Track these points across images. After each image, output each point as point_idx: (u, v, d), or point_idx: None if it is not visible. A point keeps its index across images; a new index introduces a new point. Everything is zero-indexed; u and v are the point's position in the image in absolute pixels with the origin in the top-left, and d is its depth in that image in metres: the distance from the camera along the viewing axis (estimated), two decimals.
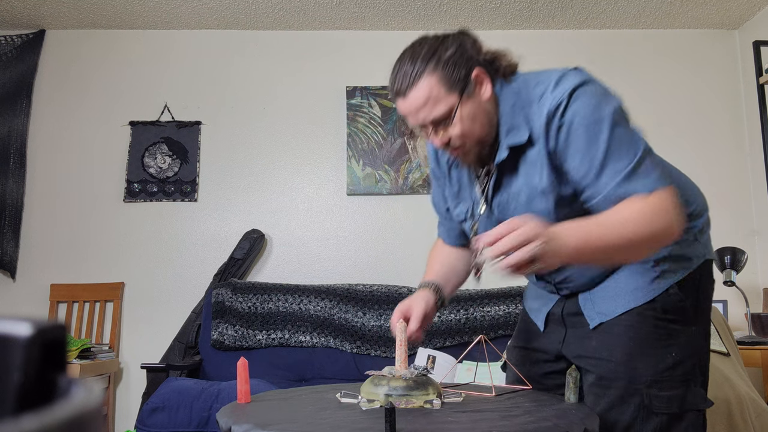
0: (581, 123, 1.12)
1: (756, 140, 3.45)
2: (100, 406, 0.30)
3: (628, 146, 1.12)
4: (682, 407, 1.17)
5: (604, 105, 1.13)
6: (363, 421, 1.02)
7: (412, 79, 1.17)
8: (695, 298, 1.23)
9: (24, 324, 0.32)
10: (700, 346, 1.23)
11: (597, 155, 1.11)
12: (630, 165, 1.10)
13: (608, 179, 1.11)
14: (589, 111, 1.12)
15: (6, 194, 3.34)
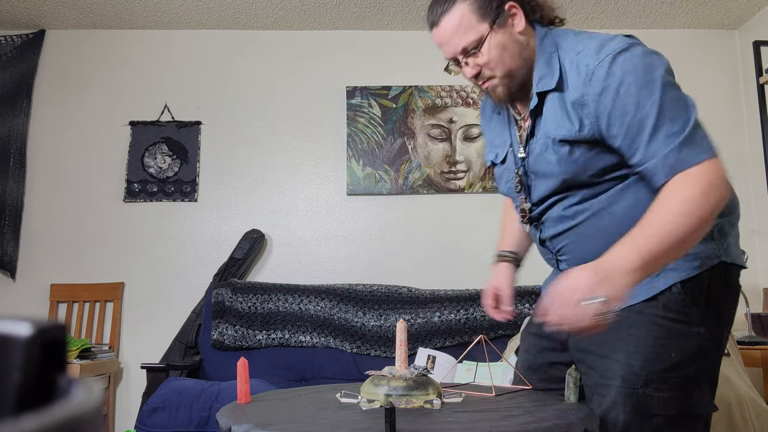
0: (629, 85, 1.10)
1: (756, 140, 3.45)
2: (100, 406, 0.30)
3: (681, 110, 1.10)
4: (681, 409, 1.14)
5: (654, 68, 1.11)
6: (363, 421, 1.02)
7: (445, 8, 1.22)
8: (703, 300, 1.16)
9: (24, 324, 0.32)
10: (705, 349, 1.16)
11: (649, 118, 1.09)
12: (684, 130, 1.09)
13: (661, 144, 1.09)
14: (639, 73, 1.10)
15: (6, 194, 3.34)
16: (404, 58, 3.59)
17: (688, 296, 1.16)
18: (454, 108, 3.52)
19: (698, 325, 1.16)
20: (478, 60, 1.22)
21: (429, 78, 3.56)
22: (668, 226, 1.04)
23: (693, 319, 1.16)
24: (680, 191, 1.06)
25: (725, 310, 1.20)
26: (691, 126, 1.10)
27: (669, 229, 1.04)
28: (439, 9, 1.23)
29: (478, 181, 3.47)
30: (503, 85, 1.24)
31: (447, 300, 3.04)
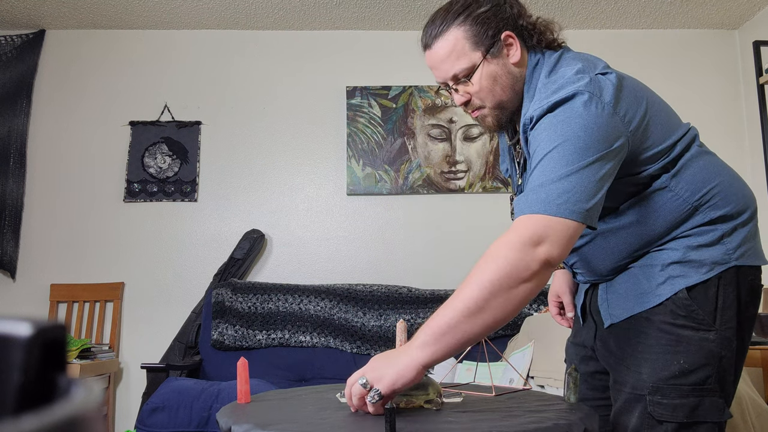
0: (542, 137, 1.06)
1: (756, 140, 3.45)
2: (100, 406, 0.30)
3: (559, 163, 1.02)
4: (691, 417, 1.10)
5: (564, 128, 1.04)
6: (363, 421, 1.02)
7: (439, 31, 1.20)
8: (712, 305, 1.13)
9: (24, 324, 0.32)
10: (717, 355, 1.12)
11: (534, 166, 1.06)
12: (540, 179, 1.02)
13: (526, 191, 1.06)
14: (547, 134, 1.05)
15: (6, 194, 3.34)
16: (404, 58, 3.59)
17: (695, 301, 1.13)
18: (454, 108, 3.52)
19: (707, 330, 1.12)
20: (468, 88, 1.19)
21: (429, 78, 3.56)
22: (450, 307, 1.00)
23: (702, 325, 1.12)
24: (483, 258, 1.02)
25: (741, 314, 1.15)
26: (550, 178, 1.02)
27: (450, 310, 1.00)
28: (433, 31, 1.20)
29: (478, 181, 3.47)
30: (492, 116, 1.22)
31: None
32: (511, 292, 0.97)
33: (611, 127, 1.05)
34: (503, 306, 0.98)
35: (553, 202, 0.99)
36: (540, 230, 0.99)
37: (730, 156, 3.60)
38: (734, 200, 1.16)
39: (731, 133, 3.58)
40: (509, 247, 0.99)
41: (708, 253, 1.14)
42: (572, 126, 1.03)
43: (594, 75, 1.11)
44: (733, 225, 1.16)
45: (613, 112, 1.07)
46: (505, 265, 0.97)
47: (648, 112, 1.14)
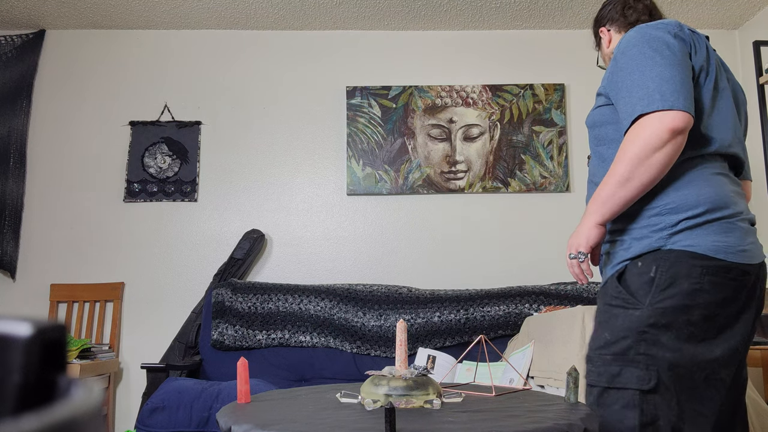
0: (619, 54, 1.35)
1: (756, 140, 3.45)
2: (100, 406, 0.30)
3: (648, 72, 1.28)
4: (612, 383, 1.25)
5: (636, 42, 1.32)
6: (363, 421, 1.02)
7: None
8: (646, 285, 1.27)
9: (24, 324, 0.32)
10: (639, 329, 1.24)
11: (624, 82, 1.32)
12: (645, 90, 1.27)
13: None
14: (625, 45, 1.35)
15: (6, 194, 3.34)
16: (404, 58, 3.59)
17: (622, 283, 1.31)
18: (454, 108, 3.52)
19: (635, 308, 1.26)
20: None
21: (429, 78, 3.57)
22: (610, 174, 1.28)
23: (629, 304, 1.28)
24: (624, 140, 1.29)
25: (683, 297, 1.24)
26: (651, 85, 1.26)
27: (610, 175, 1.28)
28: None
29: (478, 181, 3.47)
30: None
31: (447, 300, 3.04)
32: (650, 160, 1.23)
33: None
34: (646, 172, 1.24)
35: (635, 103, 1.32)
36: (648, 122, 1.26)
37: None
38: (674, 196, 1.29)
39: None
40: (642, 127, 1.25)
41: (638, 244, 1.31)
42: (636, 46, 1.43)
43: None
44: (694, 215, 1.27)
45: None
46: (641, 141, 1.23)
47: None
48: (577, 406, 1.17)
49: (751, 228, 1.32)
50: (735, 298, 1.27)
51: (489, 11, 3.42)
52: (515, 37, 3.63)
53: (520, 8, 3.39)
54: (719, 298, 1.25)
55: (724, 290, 1.25)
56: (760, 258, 1.30)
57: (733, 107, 1.39)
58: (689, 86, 1.26)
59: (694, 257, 1.24)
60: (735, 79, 1.50)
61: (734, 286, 1.25)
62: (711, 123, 1.33)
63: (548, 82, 3.57)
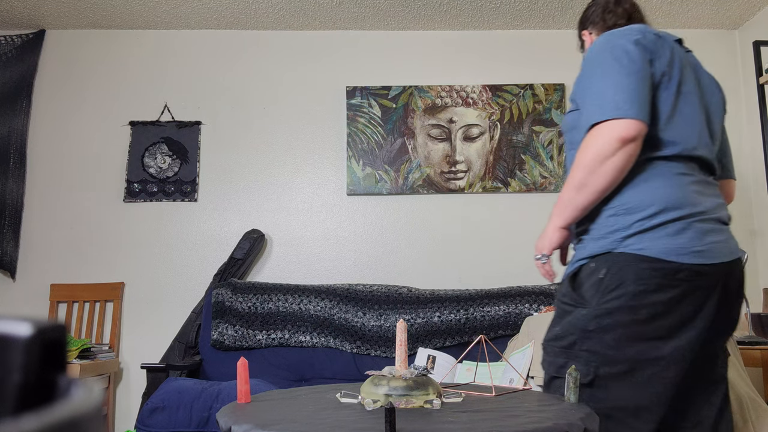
0: (585, 61, 1.43)
1: (756, 140, 3.45)
2: (100, 406, 0.30)
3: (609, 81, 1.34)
4: (558, 373, 1.38)
5: (596, 51, 1.39)
6: (363, 421, 1.02)
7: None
8: (594, 286, 1.34)
9: (24, 324, 0.32)
10: (582, 327, 1.33)
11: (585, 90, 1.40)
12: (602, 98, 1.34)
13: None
14: (587, 54, 1.42)
15: (6, 194, 3.34)
16: (404, 58, 3.59)
17: (575, 282, 1.40)
18: (454, 108, 3.52)
19: (582, 307, 1.35)
20: None
21: (429, 78, 3.57)
22: (569, 179, 1.36)
23: (578, 303, 1.36)
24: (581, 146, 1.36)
25: (624, 296, 1.29)
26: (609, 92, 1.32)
27: (569, 180, 1.36)
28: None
29: (478, 181, 3.47)
30: None
31: (447, 300, 3.04)
32: (602, 167, 1.29)
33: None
34: (599, 179, 1.30)
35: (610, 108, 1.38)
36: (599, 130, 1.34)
37: None
38: (632, 199, 1.33)
39: (731, 133, 3.58)
40: (594, 136, 1.31)
41: (591, 245, 1.38)
42: (602, 54, 1.49)
43: None
44: (644, 217, 1.31)
45: None
46: (593, 149, 1.30)
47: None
48: (577, 406, 1.17)
49: (715, 227, 1.33)
50: (686, 298, 1.29)
51: (489, 11, 3.42)
52: (515, 37, 3.63)
53: (520, 8, 3.39)
54: (667, 299, 1.28)
55: (672, 291, 1.28)
56: (724, 257, 1.31)
57: (700, 110, 1.40)
58: (644, 94, 1.30)
59: (644, 260, 1.29)
60: (711, 80, 1.52)
61: (685, 286, 1.28)
62: (673, 126, 1.35)
63: (548, 82, 3.56)
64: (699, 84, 1.45)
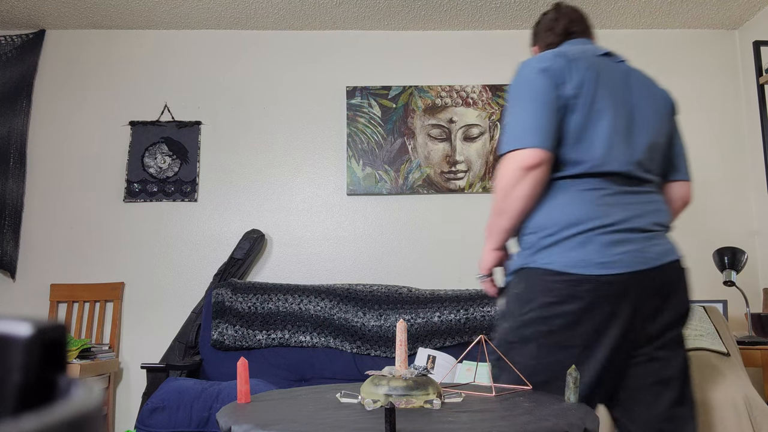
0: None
1: (756, 140, 3.45)
2: (100, 406, 0.30)
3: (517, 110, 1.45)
4: (496, 381, 1.46)
5: (513, 82, 1.49)
6: (363, 421, 1.02)
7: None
8: (514, 300, 1.45)
9: (24, 324, 0.32)
10: (506, 340, 1.44)
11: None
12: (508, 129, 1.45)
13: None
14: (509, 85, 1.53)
15: (6, 194, 3.34)
16: (404, 58, 3.59)
17: (502, 297, 1.53)
18: (454, 108, 3.52)
19: (506, 320, 1.46)
20: None
21: (429, 78, 3.57)
22: (492, 205, 1.49)
23: (504, 316, 1.48)
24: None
25: (539, 309, 1.39)
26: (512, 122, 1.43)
27: (492, 206, 1.49)
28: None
29: (478, 181, 3.47)
30: None
31: (447, 300, 3.04)
32: (512, 194, 1.41)
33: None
34: (512, 204, 1.42)
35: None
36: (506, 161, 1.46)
37: (729, 156, 3.61)
38: (539, 220, 1.43)
39: (731, 133, 3.58)
40: (503, 165, 1.44)
41: (519, 258, 1.47)
42: (514, 88, 1.58)
43: None
44: (533, 238, 1.43)
45: None
46: (503, 178, 1.42)
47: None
48: (577, 406, 1.17)
49: (626, 237, 1.38)
50: (595, 307, 1.35)
51: (489, 11, 3.42)
52: (515, 37, 3.63)
53: (520, 8, 3.39)
54: (576, 309, 1.35)
55: (579, 301, 1.35)
56: (635, 266, 1.36)
57: (616, 125, 1.43)
58: (546, 122, 1.38)
59: (551, 273, 1.38)
60: (650, 87, 1.54)
61: (592, 296, 1.35)
62: (581, 146, 1.41)
63: None
64: (624, 96, 1.48)
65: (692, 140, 3.55)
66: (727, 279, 2.92)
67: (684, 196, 1.63)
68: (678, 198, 1.63)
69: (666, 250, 1.43)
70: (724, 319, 2.51)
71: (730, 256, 2.95)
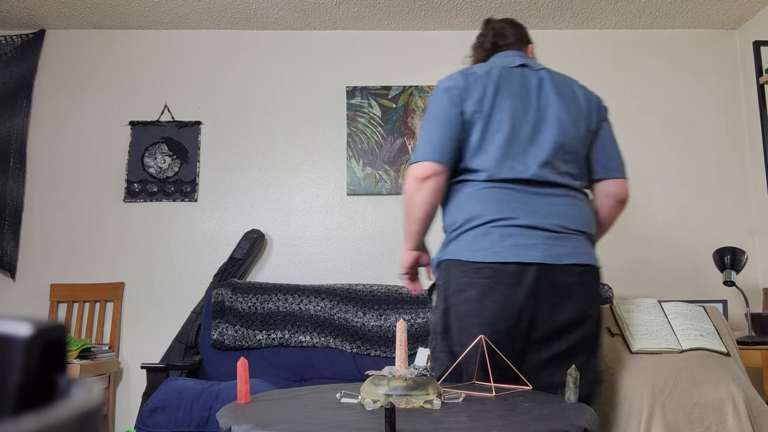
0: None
1: (756, 140, 3.45)
2: (100, 406, 0.30)
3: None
4: (433, 352, 1.61)
5: (427, 104, 1.66)
6: (363, 421, 1.02)
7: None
8: (436, 294, 1.61)
9: (24, 324, 0.32)
10: (435, 331, 1.60)
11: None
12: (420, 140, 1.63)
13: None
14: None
15: (6, 194, 3.34)
16: (404, 58, 3.59)
17: (430, 295, 1.69)
18: None
19: (434, 312, 1.62)
20: None
21: (429, 78, 3.56)
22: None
23: (433, 309, 1.64)
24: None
25: (455, 298, 1.53)
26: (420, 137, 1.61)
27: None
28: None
29: None
30: None
31: None
32: (413, 201, 1.58)
33: None
34: (415, 210, 1.60)
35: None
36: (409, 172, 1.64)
37: (730, 156, 3.61)
38: (453, 215, 1.59)
39: (731, 133, 3.58)
40: (405, 176, 1.62)
41: (438, 254, 1.63)
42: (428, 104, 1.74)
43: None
44: (454, 229, 1.57)
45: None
46: (405, 188, 1.61)
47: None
48: (577, 406, 1.17)
49: (523, 232, 1.49)
50: (494, 290, 1.48)
51: (489, 11, 3.42)
52: None
53: (520, 8, 3.39)
54: (475, 295, 1.49)
55: (478, 287, 1.49)
56: (527, 258, 1.47)
57: (511, 136, 1.55)
58: (440, 138, 1.56)
59: (458, 263, 1.53)
60: (568, 92, 1.64)
61: (490, 282, 1.48)
62: (479, 156, 1.56)
63: None
64: (532, 103, 1.60)
65: (692, 140, 3.55)
66: (727, 279, 2.92)
67: (617, 193, 1.69)
68: (611, 195, 1.69)
69: (570, 253, 1.51)
70: (724, 319, 2.51)
71: (730, 256, 2.95)
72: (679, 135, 3.54)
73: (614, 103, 3.59)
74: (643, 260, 3.43)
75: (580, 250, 1.53)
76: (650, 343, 2.03)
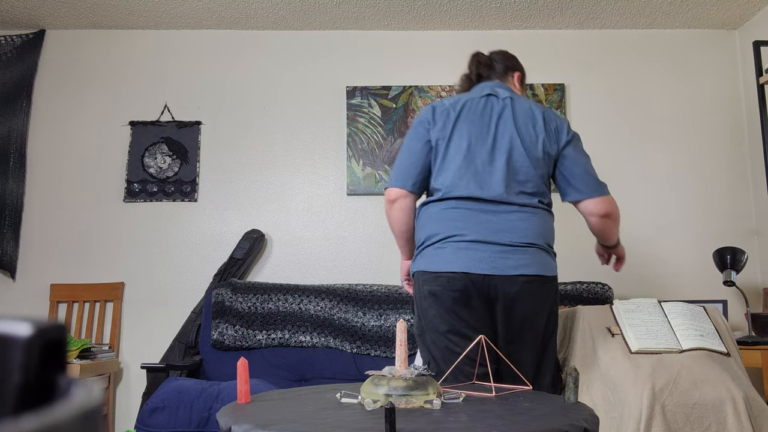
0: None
1: (756, 140, 3.45)
2: (100, 406, 0.30)
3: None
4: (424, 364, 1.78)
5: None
6: (363, 421, 1.02)
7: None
8: (414, 301, 1.80)
9: (24, 324, 0.32)
10: (418, 334, 1.78)
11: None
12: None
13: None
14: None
15: (6, 194, 3.34)
16: (404, 58, 3.59)
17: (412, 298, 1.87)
18: None
19: (415, 317, 1.81)
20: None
21: (429, 78, 3.56)
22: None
23: (416, 314, 1.80)
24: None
25: (422, 304, 1.74)
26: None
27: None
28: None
29: None
30: None
31: None
32: (389, 220, 1.88)
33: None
34: (393, 227, 1.88)
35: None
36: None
37: (730, 156, 3.61)
38: (420, 233, 1.80)
39: (731, 133, 3.58)
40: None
41: (411, 265, 1.83)
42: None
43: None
44: (419, 245, 1.78)
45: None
46: (385, 207, 1.88)
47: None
48: (577, 406, 1.17)
49: (476, 247, 1.67)
50: (448, 295, 1.67)
51: (489, 11, 3.42)
52: (515, 37, 3.63)
53: (520, 8, 3.39)
54: (438, 299, 1.69)
55: (436, 295, 1.69)
56: (477, 269, 1.65)
57: (466, 160, 1.75)
58: (406, 167, 1.81)
59: (422, 273, 1.74)
60: (530, 118, 1.81)
61: (445, 289, 1.67)
62: (439, 178, 1.78)
63: (548, 82, 3.56)
64: (492, 129, 1.78)
65: (692, 140, 3.55)
66: (727, 279, 2.92)
67: (596, 211, 1.81)
68: (591, 213, 1.82)
69: (519, 265, 1.67)
70: (724, 319, 2.51)
71: (730, 256, 2.95)
72: (679, 135, 3.54)
73: (614, 103, 3.60)
74: (643, 260, 3.43)
75: (527, 261, 1.68)
76: (650, 343, 2.03)
